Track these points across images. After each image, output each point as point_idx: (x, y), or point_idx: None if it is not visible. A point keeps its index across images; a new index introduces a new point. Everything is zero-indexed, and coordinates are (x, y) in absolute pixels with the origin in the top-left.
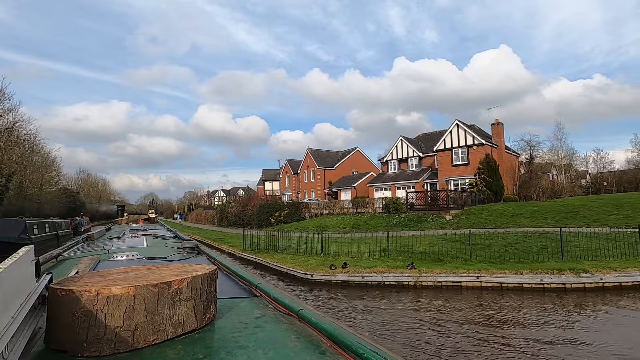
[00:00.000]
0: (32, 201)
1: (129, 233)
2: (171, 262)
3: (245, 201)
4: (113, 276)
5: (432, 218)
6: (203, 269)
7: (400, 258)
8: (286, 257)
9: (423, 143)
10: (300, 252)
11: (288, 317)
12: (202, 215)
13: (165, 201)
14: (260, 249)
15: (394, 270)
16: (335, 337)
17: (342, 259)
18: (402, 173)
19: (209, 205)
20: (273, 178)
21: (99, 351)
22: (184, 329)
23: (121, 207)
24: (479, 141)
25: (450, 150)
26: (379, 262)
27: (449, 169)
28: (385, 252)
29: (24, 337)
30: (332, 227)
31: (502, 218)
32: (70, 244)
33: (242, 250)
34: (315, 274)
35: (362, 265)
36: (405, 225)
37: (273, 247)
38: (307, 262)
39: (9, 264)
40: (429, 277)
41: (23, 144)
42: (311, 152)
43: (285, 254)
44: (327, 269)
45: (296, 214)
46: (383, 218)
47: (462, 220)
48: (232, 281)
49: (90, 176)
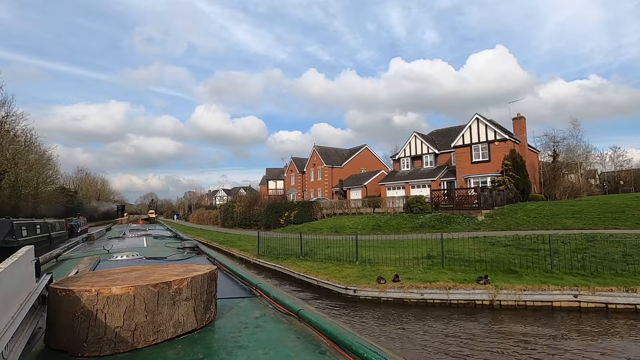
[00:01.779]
0: (27, 201)
1: (129, 233)
2: (171, 262)
3: (251, 200)
4: (113, 276)
5: (462, 219)
6: (203, 269)
7: (458, 268)
8: (312, 264)
9: (437, 139)
10: (325, 258)
11: (288, 317)
12: (204, 215)
13: (165, 201)
14: (278, 254)
15: (463, 286)
16: (335, 337)
17: (384, 269)
18: (416, 171)
19: (210, 205)
20: (277, 177)
21: (99, 351)
22: (184, 329)
23: (121, 207)
24: (502, 136)
25: (469, 147)
26: (434, 273)
27: (468, 166)
28: (431, 259)
29: (24, 337)
30: (349, 229)
31: (542, 219)
32: (70, 244)
33: (257, 256)
34: (359, 289)
35: (415, 277)
36: (432, 227)
37: (293, 252)
38: (341, 272)
39: (9, 264)
40: (510, 294)
41: (17, 140)
42: (318, 149)
43: (310, 260)
44: (372, 282)
45: (307, 214)
46: (406, 218)
47: (497, 221)
48: (232, 281)
49: (88, 175)
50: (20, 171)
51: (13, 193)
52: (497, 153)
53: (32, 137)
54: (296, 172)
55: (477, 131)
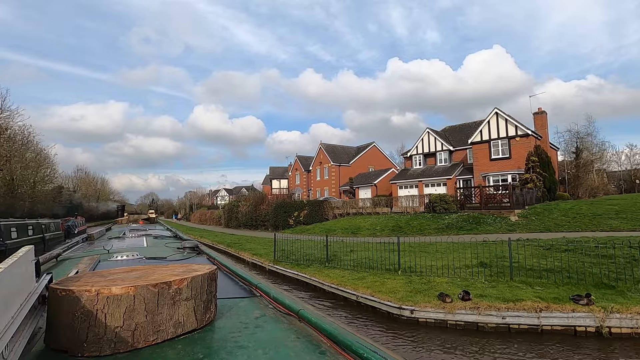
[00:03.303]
0: (24, 200)
1: (129, 233)
2: (171, 262)
3: (257, 200)
4: (113, 276)
5: (493, 219)
6: (203, 269)
7: (532, 281)
8: (341, 273)
9: (451, 136)
10: (354, 265)
11: (288, 317)
12: (206, 215)
13: (165, 201)
14: (297, 260)
15: (558, 307)
16: (335, 337)
17: (436, 281)
18: (429, 169)
19: (212, 205)
20: (281, 176)
21: (99, 351)
22: (184, 329)
23: (121, 207)
24: (524, 131)
25: (488, 143)
26: (506, 288)
27: (487, 164)
28: (488, 268)
29: (24, 337)
30: (366, 230)
31: (583, 219)
32: (70, 244)
33: (274, 262)
34: (418, 308)
35: (488, 294)
36: (460, 228)
37: (314, 258)
38: (384, 284)
39: (9, 264)
40: (625, 319)
41: (12, 137)
42: (325, 147)
43: (339, 268)
44: (432, 299)
45: (318, 214)
46: (429, 219)
47: (532, 221)
48: (232, 281)
49: (88, 175)
50: (15, 169)
51: (8, 192)
52: (518, 149)
53: (30, 134)
54: (301, 170)
55: (496, 126)
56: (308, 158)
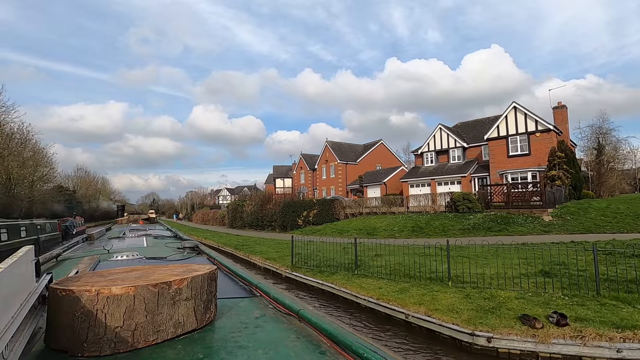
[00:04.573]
0: (22, 200)
1: (129, 233)
2: (171, 262)
3: (264, 199)
4: (113, 276)
5: (524, 219)
6: (203, 269)
7: (631, 297)
8: (377, 283)
9: (464, 133)
10: (388, 272)
11: (288, 317)
12: (209, 215)
13: (167, 201)
14: (319, 266)
15: None
16: (335, 337)
17: (500, 296)
18: (442, 166)
19: (214, 205)
20: (285, 175)
21: (99, 351)
22: (184, 329)
23: (121, 207)
24: (545, 126)
25: (505, 139)
26: (598, 306)
27: (504, 161)
28: (557, 279)
29: (24, 337)
30: (383, 231)
31: (625, 219)
32: (70, 244)
33: (292, 267)
34: (497, 335)
35: (580, 316)
36: (487, 229)
37: (338, 264)
38: (437, 299)
39: (9, 264)
40: None
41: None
42: (331, 145)
43: (371, 277)
44: (512, 323)
45: (328, 213)
46: (451, 219)
47: (568, 221)
48: (232, 281)
49: (88, 174)
50: (11, 167)
51: (5, 191)
52: (538, 145)
53: (29, 133)
54: (306, 169)
55: (514, 121)
56: (313, 156)
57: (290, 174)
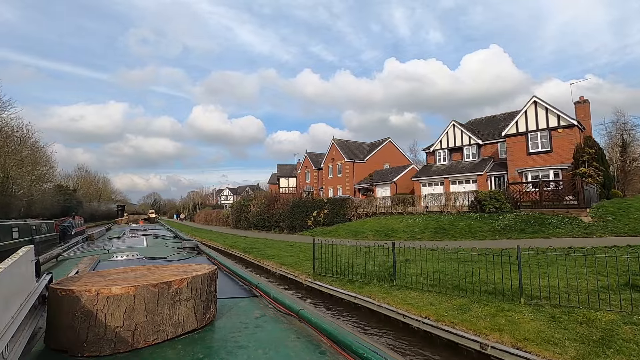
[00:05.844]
0: (20, 199)
1: (129, 233)
2: (171, 262)
3: (271, 198)
4: (113, 276)
5: (559, 219)
6: (203, 269)
7: None
8: (424, 297)
9: (477, 129)
10: (431, 283)
11: (288, 317)
12: (212, 216)
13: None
14: (345, 274)
15: None
16: (335, 337)
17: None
18: (456, 165)
19: (216, 205)
20: (289, 174)
21: (99, 351)
22: (184, 329)
23: (121, 207)
24: (569, 122)
25: (525, 135)
26: None
27: (523, 158)
28: (633, 288)
29: (24, 337)
30: (402, 232)
31: None
32: (71, 244)
33: (313, 275)
34: None
35: None
36: (520, 230)
37: (364, 271)
38: (515, 322)
39: (9, 264)
40: None
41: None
42: (337, 142)
43: (414, 289)
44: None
45: (339, 213)
46: (476, 219)
47: (611, 222)
48: (232, 281)
49: (89, 173)
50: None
51: (3, 190)
52: (560, 142)
53: (29, 132)
54: (311, 168)
55: (534, 117)
56: (319, 155)
57: (295, 173)
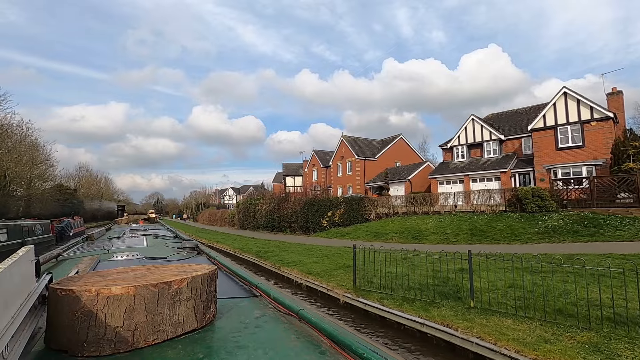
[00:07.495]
0: (18, 199)
1: (129, 233)
2: (171, 262)
3: (280, 197)
4: (113, 276)
5: (617, 220)
6: (203, 269)
7: None
8: (522, 327)
9: (497, 124)
10: (520, 304)
11: (288, 317)
12: (216, 216)
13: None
14: (390, 287)
15: None
16: (335, 337)
17: None
18: (475, 161)
19: (220, 204)
20: (295, 173)
21: (99, 351)
22: (184, 329)
23: (121, 207)
24: (603, 114)
25: (554, 129)
26: None
27: (552, 154)
28: None
29: (24, 337)
30: (432, 234)
31: None
32: (71, 244)
33: (354, 290)
34: None
35: None
36: (573, 232)
37: (420, 286)
38: None
39: (9, 264)
40: None
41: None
42: (347, 139)
43: (501, 314)
44: None
45: (357, 213)
46: (517, 220)
47: None
48: (232, 281)
49: (90, 173)
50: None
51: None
52: (593, 136)
53: (29, 130)
54: (319, 166)
55: (564, 109)
56: (327, 153)
57: (301, 172)
